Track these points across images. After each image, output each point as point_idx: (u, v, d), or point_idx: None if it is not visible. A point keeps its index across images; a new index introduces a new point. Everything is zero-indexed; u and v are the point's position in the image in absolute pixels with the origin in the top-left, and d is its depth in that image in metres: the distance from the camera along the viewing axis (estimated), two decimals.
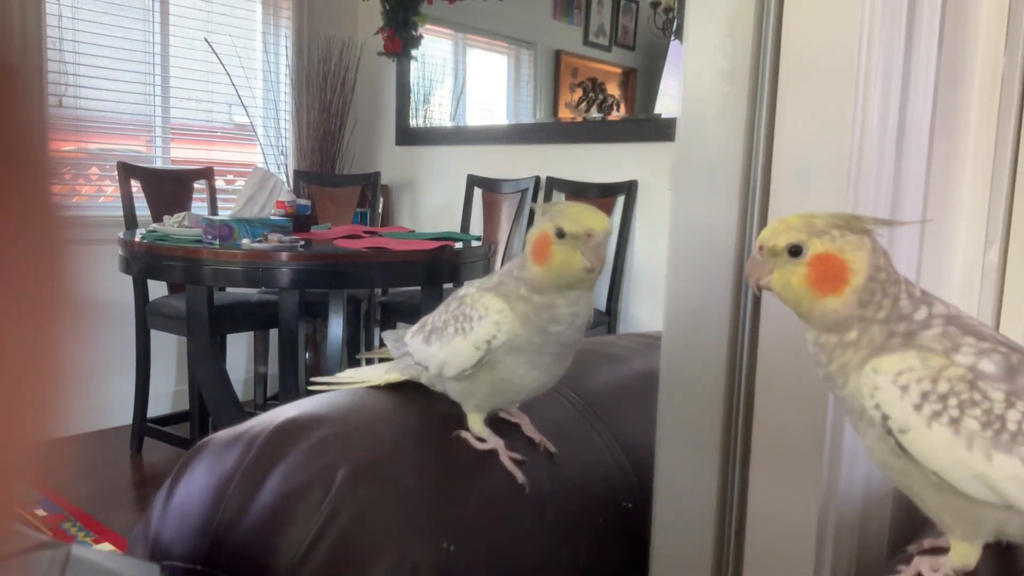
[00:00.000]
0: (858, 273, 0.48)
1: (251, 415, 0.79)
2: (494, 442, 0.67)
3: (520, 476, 0.66)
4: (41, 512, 2.28)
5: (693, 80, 0.62)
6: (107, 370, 2.93)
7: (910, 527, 0.69)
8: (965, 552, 0.49)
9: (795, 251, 0.48)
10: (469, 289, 0.67)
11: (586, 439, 0.75)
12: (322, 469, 0.62)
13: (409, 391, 0.74)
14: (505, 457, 0.66)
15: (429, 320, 0.71)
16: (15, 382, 0.19)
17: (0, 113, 0.18)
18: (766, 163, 0.60)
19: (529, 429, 0.71)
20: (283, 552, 0.59)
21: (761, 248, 0.50)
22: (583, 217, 0.59)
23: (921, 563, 0.51)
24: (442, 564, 0.58)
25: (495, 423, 0.70)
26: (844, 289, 0.48)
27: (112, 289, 2.77)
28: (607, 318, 2.80)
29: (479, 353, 0.64)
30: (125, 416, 2.90)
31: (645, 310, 2.89)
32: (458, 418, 0.69)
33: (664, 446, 0.68)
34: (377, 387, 0.76)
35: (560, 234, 0.60)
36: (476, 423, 0.68)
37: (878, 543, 0.69)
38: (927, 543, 0.55)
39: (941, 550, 0.52)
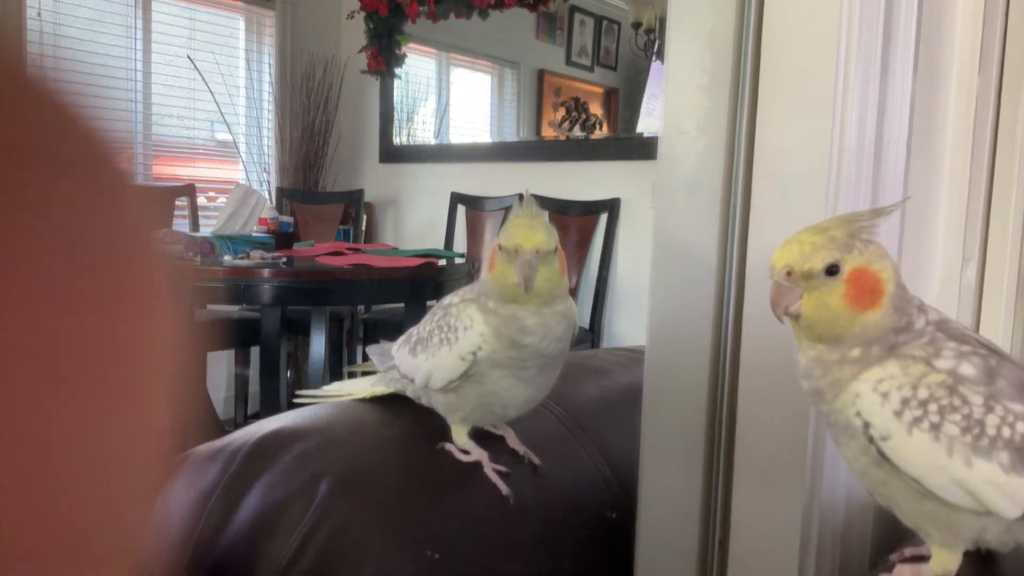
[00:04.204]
0: (889, 282, 0.48)
1: None
2: (478, 454, 0.67)
3: (504, 488, 0.65)
4: None
5: (674, 94, 0.63)
6: None
7: (892, 537, 0.69)
8: (946, 559, 0.50)
9: (832, 270, 0.46)
10: (454, 299, 0.67)
11: (570, 451, 0.75)
12: (304, 481, 0.61)
13: (393, 404, 0.73)
14: (489, 469, 0.66)
15: (415, 331, 0.70)
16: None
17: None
18: (746, 176, 0.61)
19: (513, 442, 0.71)
20: (265, 565, 0.58)
21: (790, 273, 0.47)
22: (515, 232, 0.60)
23: (903, 571, 0.51)
24: (426, 575, 0.58)
25: (479, 436, 0.70)
26: (881, 301, 0.47)
27: None
28: (590, 335, 2.81)
29: (465, 364, 0.64)
30: None
31: (628, 327, 2.90)
32: (442, 430, 0.69)
33: (648, 458, 0.68)
34: (362, 400, 0.75)
35: (500, 246, 0.60)
36: (460, 435, 0.68)
37: (860, 553, 0.69)
38: (908, 551, 0.55)
39: (922, 558, 0.52)
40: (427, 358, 0.67)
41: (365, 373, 0.80)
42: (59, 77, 0.19)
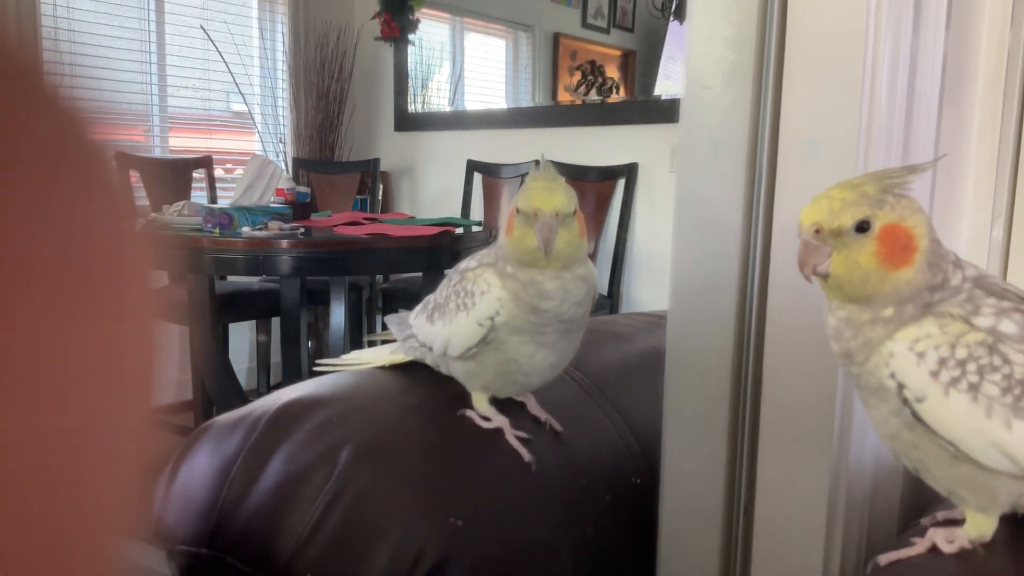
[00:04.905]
0: (923, 237, 0.46)
1: None
2: (499, 421, 0.66)
3: (526, 454, 0.65)
4: None
5: (698, 48, 0.60)
6: None
7: (920, 501, 0.68)
8: (981, 523, 0.48)
9: (863, 227, 0.45)
10: (470, 263, 0.66)
11: (592, 417, 0.75)
12: (326, 449, 0.61)
13: (414, 371, 0.73)
14: (511, 435, 0.66)
15: (432, 298, 0.69)
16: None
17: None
18: (773, 132, 0.59)
19: (535, 408, 0.70)
20: (288, 533, 0.58)
21: (819, 231, 0.46)
22: (534, 195, 0.58)
23: (936, 535, 0.50)
24: (448, 542, 0.57)
25: (500, 402, 0.69)
26: (914, 257, 0.45)
27: None
28: (609, 301, 2.79)
29: (483, 330, 0.63)
30: None
31: (647, 292, 2.88)
32: (463, 397, 0.68)
33: (671, 423, 0.67)
34: (382, 368, 0.75)
35: (518, 209, 0.59)
36: (481, 402, 0.67)
37: (888, 518, 0.68)
38: (941, 515, 0.54)
39: (956, 522, 0.51)
40: (444, 324, 0.66)
41: (385, 342, 0.79)
42: (36, 55, 0.18)
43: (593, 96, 3.19)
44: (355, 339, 2.78)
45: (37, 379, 0.16)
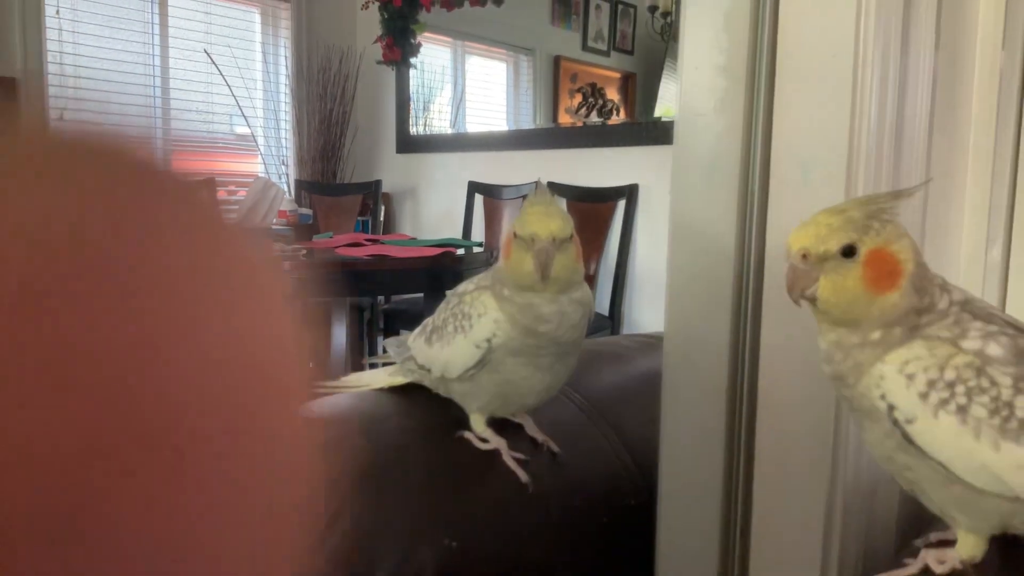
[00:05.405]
0: (909, 262, 0.47)
1: None
2: (496, 442, 0.67)
3: (523, 475, 0.65)
4: None
5: (690, 75, 0.62)
6: None
7: (917, 522, 0.68)
8: (972, 544, 0.49)
9: (849, 252, 0.46)
10: (468, 287, 0.67)
11: (590, 439, 0.75)
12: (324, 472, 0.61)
13: (412, 393, 0.73)
14: (508, 457, 0.66)
15: (430, 321, 0.70)
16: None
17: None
18: (764, 157, 0.60)
19: (532, 429, 0.71)
20: None
21: (806, 256, 0.46)
22: (530, 220, 0.59)
23: (927, 556, 0.50)
24: (445, 564, 0.58)
25: (498, 424, 0.69)
26: (900, 282, 0.46)
27: None
28: (610, 322, 2.80)
29: (480, 352, 0.63)
30: None
31: (648, 314, 2.89)
32: (460, 419, 0.68)
33: (668, 445, 0.68)
34: (380, 390, 0.75)
35: (515, 234, 0.60)
36: (478, 423, 0.68)
37: (885, 538, 0.68)
38: (934, 536, 0.54)
39: (948, 543, 0.52)
40: (442, 347, 0.66)
41: (385, 364, 0.80)
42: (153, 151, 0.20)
43: (594, 118, 3.22)
44: (356, 360, 2.79)
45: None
